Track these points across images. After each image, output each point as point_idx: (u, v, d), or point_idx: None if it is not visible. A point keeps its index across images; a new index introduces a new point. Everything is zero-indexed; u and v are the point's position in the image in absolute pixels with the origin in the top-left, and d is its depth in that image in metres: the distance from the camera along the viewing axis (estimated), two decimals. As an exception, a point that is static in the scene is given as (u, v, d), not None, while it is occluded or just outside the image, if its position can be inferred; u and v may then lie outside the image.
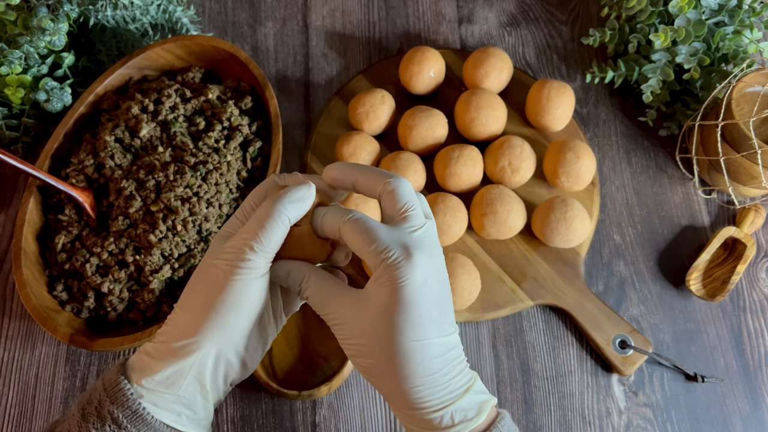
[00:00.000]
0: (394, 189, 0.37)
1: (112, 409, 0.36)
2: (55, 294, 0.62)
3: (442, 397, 0.36)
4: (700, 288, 0.64)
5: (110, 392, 0.36)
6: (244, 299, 0.37)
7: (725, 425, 0.60)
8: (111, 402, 0.36)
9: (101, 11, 0.70)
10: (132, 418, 0.36)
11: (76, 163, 0.65)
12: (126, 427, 0.36)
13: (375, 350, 0.36)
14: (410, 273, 0.35)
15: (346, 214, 0.37)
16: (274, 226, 0.36)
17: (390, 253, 0.35)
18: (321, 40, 0.78)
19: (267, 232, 0.36)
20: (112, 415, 0.36)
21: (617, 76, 0.71)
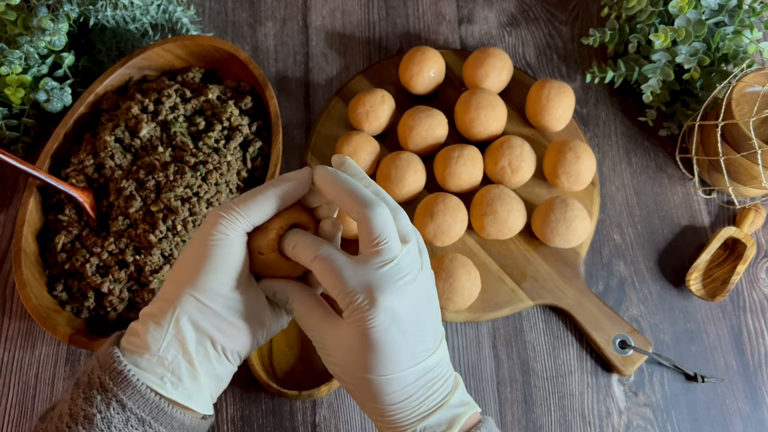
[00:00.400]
0: (368, 219, 0.36)
1: (99, 373, 0.36)
2: (55, 294, 0.62)
3: (413, 417, 0.38)
4: (700, 288, 0.64)
5: (101, 359, 0.37)
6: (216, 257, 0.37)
7: (725, 425, 0.60)
8: (100, 367, 0.37)
9: (101, 11, 0.70)
10: (117, 379, 0.36)
11: (76, 163, 0.65)
12: (111, 389, 0.36)
13: (349, 378, 0.38)
14: (375, 317, 0.35)
15: (314, 249, 0.37)
16: (258, 198, 0.38)
17: (354, 297, 0.36)
18: (321, 40, 0.78)
19: (249, 201, 0.37)
20: (100, 379, 0.36)
21: (617, 76, 0.71)
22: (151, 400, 0.36)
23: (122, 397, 0.36)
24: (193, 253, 0.38)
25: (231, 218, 0.37)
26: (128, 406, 0.36)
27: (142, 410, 0.36)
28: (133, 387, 0.36)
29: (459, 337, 0.63)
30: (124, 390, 0.36)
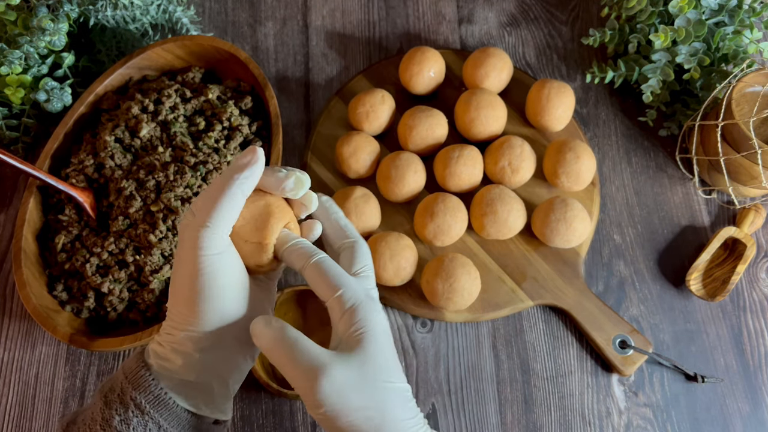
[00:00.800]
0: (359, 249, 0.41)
1: (134, 395, 0.37)
2: (55, 294, 0.62)
3: None
4: (700, 288, 0.64)
5: (132, 379, 0.37)
6: (219, 281, 0.37)
7: (725, 425, 0.60)
8: (133, 388, 0.37)
9: (101, 11, 0.70)
10: (154, 403, 0.37)
11: (76, 163, 0.65)
12: (149, 412, 0.37)
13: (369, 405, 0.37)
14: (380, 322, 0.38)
15: (309, 256, 0.38)
16: (229, 205, 0.37)
17: (358, 300, 0.37)
18: (321, 40, 0.78)
19: (219, 209, 0.37)
20: (135, 401, 0.37)
21: (617, 76, 0.71)
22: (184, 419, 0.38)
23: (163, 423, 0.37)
24: (192, 279, 0.37)
25: (213, 234, 0.37)
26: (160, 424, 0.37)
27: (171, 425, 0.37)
28: (170, 409, 0.37)
29: (459, 337, 0.63)
30: (161, 413, 0.37)
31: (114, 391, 0.38)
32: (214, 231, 0.37)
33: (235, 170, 0.37)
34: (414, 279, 0.63)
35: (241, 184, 0.37)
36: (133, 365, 0.38)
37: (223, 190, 0.37)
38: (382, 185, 0.66)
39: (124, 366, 0.39)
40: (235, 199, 0.37)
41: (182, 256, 0.38)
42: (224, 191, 0.37)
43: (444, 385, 0.62)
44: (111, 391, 0.38)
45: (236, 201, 0.37)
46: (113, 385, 0.38)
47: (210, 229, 0.36)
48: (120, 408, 0.37)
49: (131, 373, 0.38)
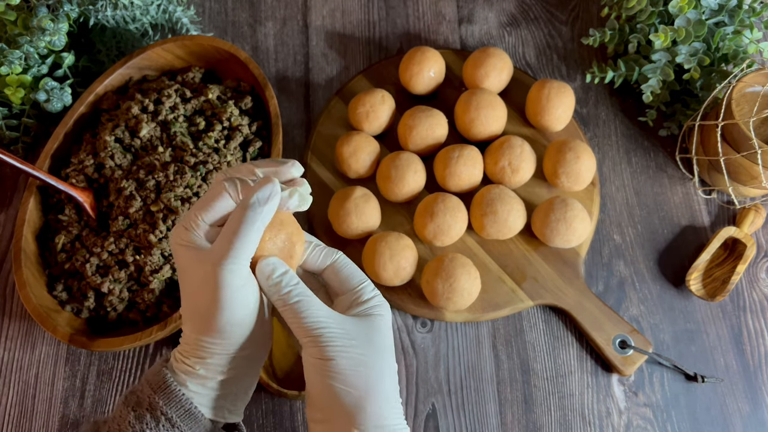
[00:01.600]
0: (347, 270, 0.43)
1: (165, 409, 0.38)
2: (55, 294, 0.62)
3: None
4: (700, 288, 0.64)
5: (161, 394, 0.39)
6: (239, 311, 0.38)
7: (725, 425, 0.60)
8: (164, 403, 0.38)
9: (101, 11, 0.70)
10: (185, 417, 0.38)
11: (76, 163, 0.65)
12: (179, 426, 0.38)
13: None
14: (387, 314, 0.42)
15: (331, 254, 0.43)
16: (250, 240, 0.38)
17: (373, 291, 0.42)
18: (321, 40, 0.78)
19: (241, 243, 0.37)
20: (166, 415, 0.38)
21: (617, 76, 0.71)
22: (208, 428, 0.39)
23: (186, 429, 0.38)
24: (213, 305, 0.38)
25: (236, 269, 0.37)
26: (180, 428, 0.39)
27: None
28: (199, 422, 0.39)
29: (459, 337, 0.63)
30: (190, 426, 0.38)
31: (142, 404, 0.39)
32: (237, 266, 0.37)
33: (255, 204, 0.37)
34: (414, 279, 0.63)
35: (263, 218, 0.38)
36: (159, 379, 0.39)
37: (243, 222, 0.37)
38: (382, 185, 0.66)
39: (148, 379, 0.40)
40: (258, 232, 0.38)
41: (203, 291, 0.38)
42: (244, 223, 0.37)
43: (444, 385, 0.62)
44: (138, 404, 0.39)
45: (258, 234, 0.38)
46: (140, 398, 0.39)
47: (233, 264, 0.37)
48: (152, 422, 0.38)
49: (159, 387, 0.39)
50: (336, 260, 0.43)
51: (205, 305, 0.38)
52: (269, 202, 0.38)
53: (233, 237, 0.37)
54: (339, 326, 0.38)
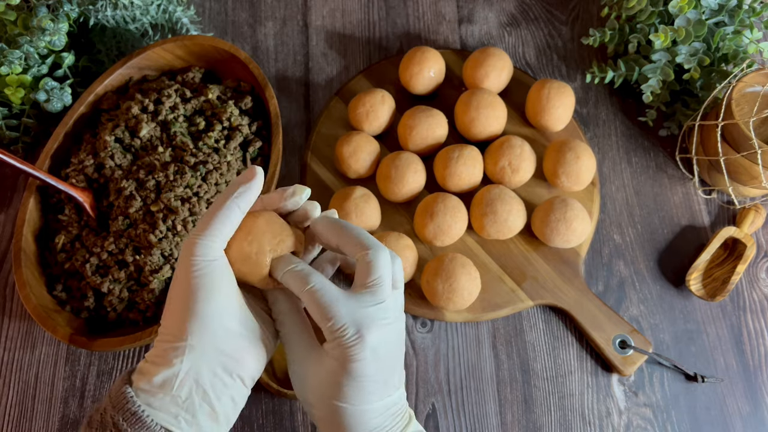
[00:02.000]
0: (371, 261, 0.39)
1: (113, 413, 0.36)
2: (55, 294, 0.62)
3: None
4: (700, 288, 0.64)
5: (114, 398, 0.37)
6: (207, 285, 0.37)
7: (725, 425, 0.60)
8: (113, 407, 0.36)
9: (101, 11, 0.70)
10: (131, 420, 0.36)
11: (76, 163, 0.65)
12: (126, 430, 0.36)
13: (322, 406, 0.39)
14: (360, 352, 0.37)
15: (305, 282, 0.38)
16: (225, 217, 0.38)
17: (344, 333, 0.37)
18: (321, 40, 0.78)
19: (215, 221, 0.38)
20: (113, 419, 0.36)
21: (617, 76, 0.71)
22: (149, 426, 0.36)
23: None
24: (184, 286, 0.38)
25: (207, 242, 0.38)
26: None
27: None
28: (147, 427, 0.36)
29: (459, 337, 0.63)
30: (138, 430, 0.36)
31: (98, 411, 0.38)
32: (209, 240, 0.38)
33: (234, 186, 0.39)
34: (414, 279, 0.63)
35: (237, 198, 0.39)
36: (118, 385, 0.38)
37: (221, 204, 0.39)
38: (382, 185, 0.66)
39: (111, 397, 0.38)
40: (231, 212, 0.38)
41: (178, 266, 0.39)
42: (221, 205, 0.39)
43: (444, 385, 0.62)
44: (96, 411, 0.38)
45: (232, 214, 0.39)
46: (103, 419, 0.37)
47: (204, 239, 0.38)
48: (99, 428, 0.37)
49: (114, 393, 0.37)
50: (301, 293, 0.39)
51: (179, 282, 0.38)
52: (247, 182, 0.39)
53: (210, 215, 0.38)
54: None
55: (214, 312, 0.37)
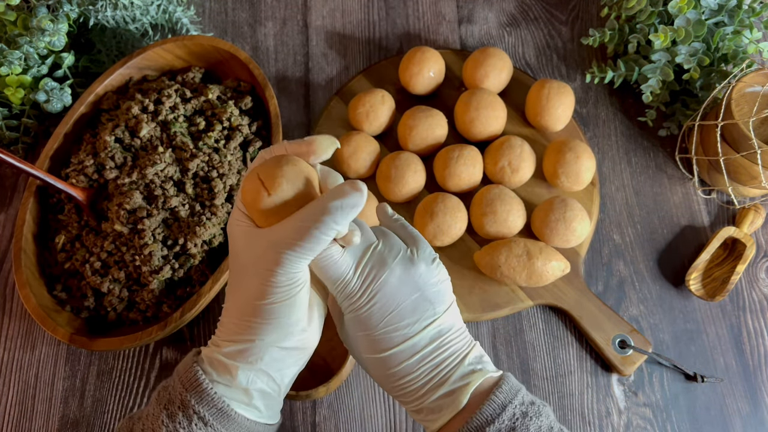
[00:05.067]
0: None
1: (198, 408, 0.37)
2: (55, 294, 0.62)
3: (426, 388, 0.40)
4: (699, 288, 0.64)
5: (193, 392, 0.38)
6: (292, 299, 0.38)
7: (725, 425, 0.60)
8: (196, 402, 0.38)
9: (101, 11, 0.70)
10: (218, 415, 0.38)
11: (76, 163, 0.65)
12: (212, 425, 0.37)
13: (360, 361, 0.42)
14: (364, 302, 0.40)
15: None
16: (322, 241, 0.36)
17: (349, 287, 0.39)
18: (321, 40, 0.78)
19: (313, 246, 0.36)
20: (199, 414, 0.37)
21: (617, 76, 0.71)
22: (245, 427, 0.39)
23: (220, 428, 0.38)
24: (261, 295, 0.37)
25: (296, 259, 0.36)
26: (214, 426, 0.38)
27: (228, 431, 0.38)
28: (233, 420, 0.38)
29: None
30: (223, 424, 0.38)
31: (174, 402, 0.38)
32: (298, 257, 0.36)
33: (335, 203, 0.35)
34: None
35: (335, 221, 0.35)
36: (191, 375, 0.38)
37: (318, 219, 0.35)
38: (382, 185, 0.66)
39: (180, 375, 0.39)
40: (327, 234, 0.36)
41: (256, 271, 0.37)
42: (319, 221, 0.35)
43: (444, 385, 0.61)
44: (170, 402, 0.38)
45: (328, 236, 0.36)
46: (171, 396, 0.39)
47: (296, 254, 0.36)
48: (184, 421, 0.37)
49: (190, 385, 0.38)
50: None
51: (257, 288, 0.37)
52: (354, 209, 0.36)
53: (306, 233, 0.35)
54: None
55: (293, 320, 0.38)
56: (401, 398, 0.41)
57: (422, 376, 0.40)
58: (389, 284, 0.40)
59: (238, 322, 0.39)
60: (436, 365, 0.40)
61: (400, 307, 0.39)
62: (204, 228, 0.60)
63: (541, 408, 0.39)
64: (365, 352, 0.40)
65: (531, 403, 0.39)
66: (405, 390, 0.40)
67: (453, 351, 0.40)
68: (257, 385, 0.39)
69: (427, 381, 0.40)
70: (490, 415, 0.38)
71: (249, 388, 0.39)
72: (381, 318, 0.39)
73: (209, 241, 0.61)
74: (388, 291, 0.39)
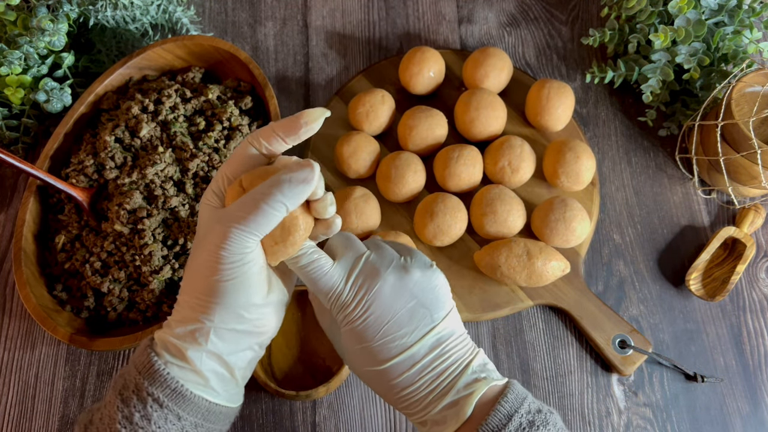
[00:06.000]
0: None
1: (151, 389, 0.37)
2: (55, 294, 0.62)
3: (429, 399, 0.39)
4: (699, 288, 0.64)
5: (146, 374, 0.38)
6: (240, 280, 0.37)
7: (725, 425, 0.60)
8: (149, 384, 0.37)
9: (101, 11, 0.70)
10: (172, 396, 0.37)
11: (76, 163, 0.65)
12: (167, 405, 0.37)
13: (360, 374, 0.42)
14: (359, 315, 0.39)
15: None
16: (270, 215, 0.36)
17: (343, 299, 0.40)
18: (321, 40, 0.78)
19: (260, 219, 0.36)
20: (153, 396, 0.37)
21: (617, 76, 0.71)
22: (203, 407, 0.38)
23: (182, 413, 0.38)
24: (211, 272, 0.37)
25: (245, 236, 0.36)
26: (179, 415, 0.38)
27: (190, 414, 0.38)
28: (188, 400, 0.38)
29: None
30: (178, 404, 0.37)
31: (128, 387, 0.38)
32: (248, 234, 0.36)
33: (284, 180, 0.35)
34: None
35: (285, 197, 0.35)
36: (144, 359, 0.38)
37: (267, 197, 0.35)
38: (382, 185, 0.66)
39: (134, 360, 0.39)
40: (278, 211, 0.36)
41: (204, 244, 0.37)
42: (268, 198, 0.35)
43: (444, 385, 0.61)
44: (125, 387, 0.38)
45: (278, 213, 0.36)
46: (126, 381, 0.38)
47: (244, 232, 0.36)
48: (138, 404, 0.37)
49: (144, 368, 0.38)
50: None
51: (205, 268, 0.37)
52: (306, 184, 0.36)
53: (253, 206, 0.35)
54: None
55: (243, 301, 0.38)
56: (405, 410, 0.40)
57: (424, 386, 0.39)
58: (383, 293, 0.39)
59: (189, 299, 0.38)
60: (438, 375, 0.39)
61: (396, 316, 0.39)
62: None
63: (548, 416, 0.38)
64: (364, 365, 0.40)
65: (537, 411, 0.38)
66: (407, 402, 0.39)
67: (455, 359, 0.39)
68: (209, 366, 0.38)
69: (430, 392, 0.39)
70: (496, 426, 0.37)
71: (201, 369, 0.38)
72: (377, 329, 0.39)
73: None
74: (383, 301, 0.39)
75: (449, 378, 0.39)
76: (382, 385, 0.40)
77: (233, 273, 0.37)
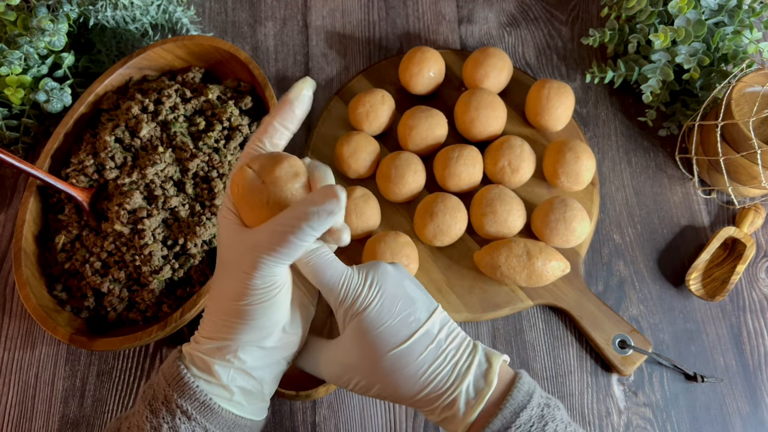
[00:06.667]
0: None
1: (180, 402, 0.38)
2: (55, 294, 0.62)
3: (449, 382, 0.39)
4: (699, 288, 0.64)
5: (175, 386, 0.38)
6: (270, 300, 0.38)
7: (725, 425, 0.60)
8: (179, 396, 0.38)
9: (101, 11, 0.70)
10: (200, 409, 0.38)
11: (76, 163, 0.65)
12: (195, 418, 0.38)
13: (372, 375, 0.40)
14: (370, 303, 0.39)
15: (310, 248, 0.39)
16: (298, 246, 0.36)
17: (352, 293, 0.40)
18: (321, 40, 0.78)
19: (290, 252, 0.36)
20: (182, 408, 0.38)
21: (617, 76, 0.71)
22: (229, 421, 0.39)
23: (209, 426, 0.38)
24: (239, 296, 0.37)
25: (273, 263, 0.36)
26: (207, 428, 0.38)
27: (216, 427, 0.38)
28: (216, 413, 0.38)
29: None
30: (206, 417, 0.38)
31: (157, 398, 0.38)
32: (277, 262, 0.36)
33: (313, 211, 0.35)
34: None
35: (313, 228, 0.35)
36: (174, 371, 0.39)
37: (294, 227, 0.35)
38: (382, 185, 0.66)
39: (163, 371, 0.40)
40: (305, 240, 0.35)
41: (233, 273, 0.37)
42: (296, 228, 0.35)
43: (444, 385, 0.61)
44: (154, 398, 0.39)
45: (305, 242, 0.36)
46: (155, 392, 0.39)
47: (273, 259, 0.36)
48: (167, 416, 0.38)
49: (173, 380, 0.38)
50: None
51: (234, 289, 0.37)
52: (330, 216, 0.35)
53: (282, 239, 0.35)
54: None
55: (271, 321, 0.38)
56: (432, 393, 0.38)
57: (447, 360, 0.39)
58: (389, 274, 0.40)
59: (216, 320, 0.39)
60: (456, 348, 0.39)
61: (405, 294, 0.40)
62: (204, 228, 0.60)
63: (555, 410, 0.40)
64: (386, 348, 0.38)
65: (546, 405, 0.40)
66: (434, 382, 0.38)
67: (463, 336, 0.41)
68: (237, 382, 0.39)
69: (454, 363, 0.39)
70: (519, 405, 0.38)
71: (228, 384, 0.39)
72: (393, 306, 0.39)
73: (209, 241, 0.61)
74: (391, 281, 0.40)
75: (467, 351, 0.40)
76: (408, 367, 0.38)
77: (262, 298, 0.37)
